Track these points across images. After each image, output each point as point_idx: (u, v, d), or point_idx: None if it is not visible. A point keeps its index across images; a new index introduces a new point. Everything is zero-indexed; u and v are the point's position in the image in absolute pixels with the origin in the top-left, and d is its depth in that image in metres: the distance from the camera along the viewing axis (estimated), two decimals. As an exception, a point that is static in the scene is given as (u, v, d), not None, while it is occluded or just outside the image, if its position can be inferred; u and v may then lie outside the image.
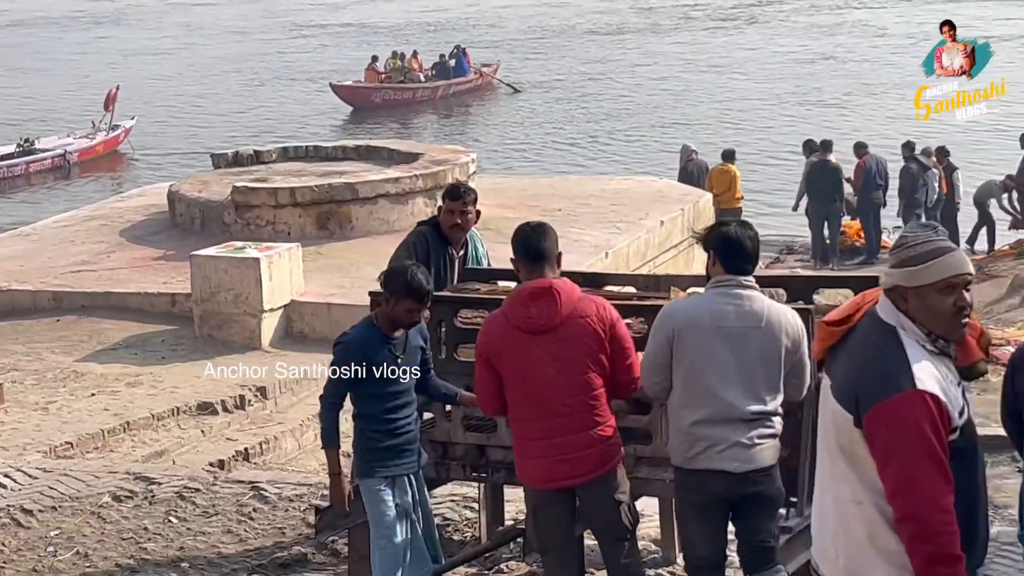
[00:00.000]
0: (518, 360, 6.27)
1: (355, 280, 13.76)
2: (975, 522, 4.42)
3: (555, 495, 6.41)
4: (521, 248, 6.42)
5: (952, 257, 4.38)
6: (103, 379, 12.50)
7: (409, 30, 53.59)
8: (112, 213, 18.40)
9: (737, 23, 53.12)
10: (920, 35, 48.02)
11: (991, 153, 28.81)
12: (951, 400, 4.31)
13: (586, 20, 54.68)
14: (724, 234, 6.30)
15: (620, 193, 18.77)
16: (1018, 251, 22.06)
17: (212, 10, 62.20)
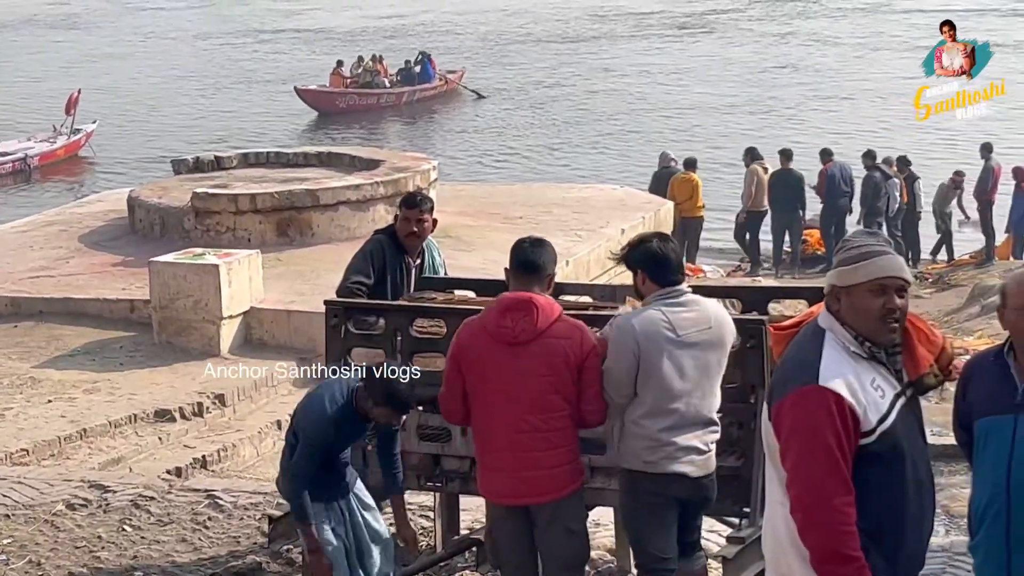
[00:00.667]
0: (486, 369, 6.25)
1: (315, 287, 13.71)
2: (900, 532, 4.45)
3: (514, 511, 6.39)
4: (516, 260, 6.44)
5: (884, 259, 4.47)
6: (60, 385, 12.42)
7: (364, 36, 53.53)
8: (71, 218, 18.31)
9: (692, 31, 53.28)
10: (873, 44, 48.45)
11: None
12: (865, 403, 4.36)
13: (541, 28, 54.73)
14: (650, 251, 6.40)
15: (582, 201, 18.79)
16: (978, 260, 22.20)
17: (167, 15, 61.97)
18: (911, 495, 4.49)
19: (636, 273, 6.41)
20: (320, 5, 62.69)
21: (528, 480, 6.28)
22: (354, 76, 40.82)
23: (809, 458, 4.32)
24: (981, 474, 5.30)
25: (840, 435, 4.30)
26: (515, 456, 6.25)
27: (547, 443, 6.26)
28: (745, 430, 6.84)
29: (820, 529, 4.30)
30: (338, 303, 7.79)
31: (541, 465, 6.27)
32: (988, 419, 5.26)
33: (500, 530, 6.50)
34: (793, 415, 4.37)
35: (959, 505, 9.25)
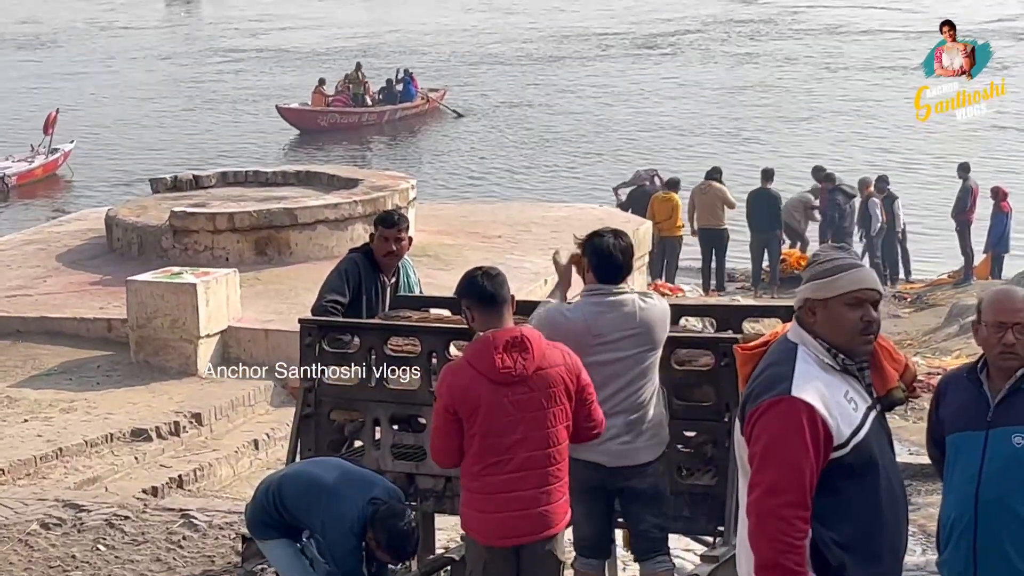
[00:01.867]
0: (486, 411, 6.04)
1: (293, 306, 13.68)
2: (877, 544, 4.46)
3: (506, 552, 6.24)
4: (479, 295, 6.14)
5: (860, 272, 4.52)
6: (37, 405, 12.36)
7: (331, 55, 53.57)
8: (49, 237, 18.26)
9: (655, 52, 53.47)
10: (832, 64, 48.65)
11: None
12: (837, 416, 4.38)
13: (508, 48, 54.84)
14: (596, 246, 6.61)
15: (561, 220, 18.78)
16: (956, 280, 22.27)
17: (137, 34, 61.88)
18: (886, 507, 4.51)
19: (586, 261, 6.65)
20: (285, 24, 62.76)
21: (530, 517, 6.17)
22: (343, 89, 40.82)
23: (771, 467, 4.34)
24: (950, 490, 5.33)
25: (809, 448, 4.32)
26: (515, 495, 6.12)
27: (549, 478, 6.18)
28: (719, 448, 6.86)
29: (766, 537, 4.32)
30: (313, 322, 7.80)
31: (542, 502, 6.19)
32: (959, 435, 5.29)
33: (491, 570, 6.29)
34: (763, 425, 4.40)
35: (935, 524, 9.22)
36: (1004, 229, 22.45)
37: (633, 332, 6.56)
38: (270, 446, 11.92)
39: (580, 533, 6.82)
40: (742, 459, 4.56)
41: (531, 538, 6.21)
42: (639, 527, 6.84)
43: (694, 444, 7.09)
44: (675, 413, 7.00)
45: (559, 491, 6.22)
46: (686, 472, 7.15)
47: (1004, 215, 22.41)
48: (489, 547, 6.24)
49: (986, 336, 5.27)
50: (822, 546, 4.38)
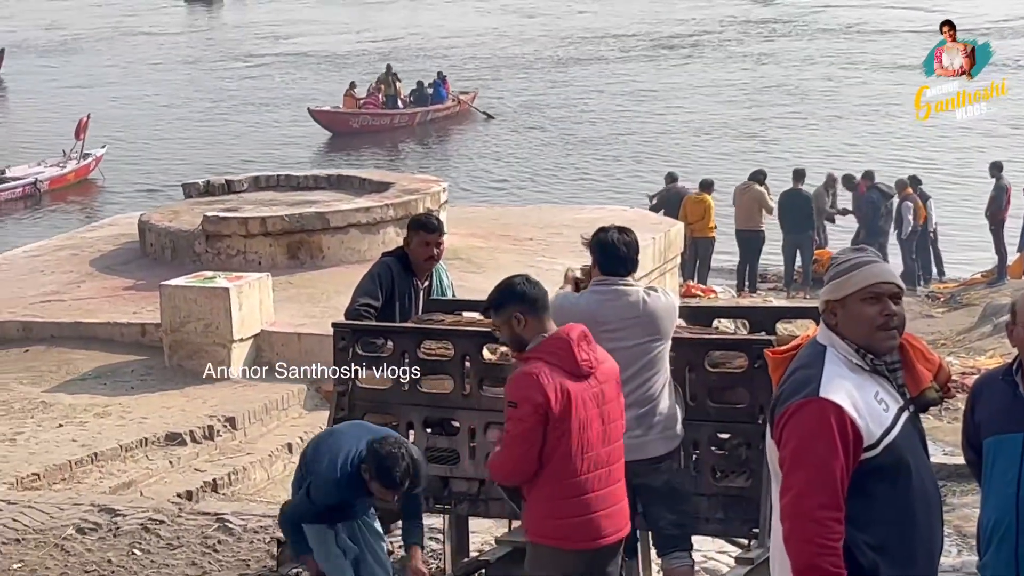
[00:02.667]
0: (574, 407, 5.95)
1: (325, 310, 13.71)
2: (910, 546, 4.43)
3: (584, 556, 6.11)
4: (529, 300, 6.06)
5: (875, 267, 4.50)
6: (71, 410, 12.42)
7: (352, 59, 53.69)
8: (82, 243, 18.34)
9: (674, 53, 53.44)
10: (855, 63, 48.54)
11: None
12: (867, 416, 4.36)
13: (529, 50, 54.86)
14: (601, 240, 6.80)
15: (592, 222, 18.53)
16: (990, 279, 22.16)
17: (159, 39, 62.05)
18: (919, 509, 4.48)
19: (592, 258, 6.83)
20: (305, 29, 62.91)
21: (613, 515, 6.14)
22: (375, 91, 40.93)
23: (802, 469, 4.33)
24: (990, 493, 5.30)
25: (838, 448, 4.30)
26: (600, 493, 6.06)
27: (617, 475, 6.17)
28: (753, 450, 6.85)
29: (802, 541, 4.30)
30: (346, 325, 7.81)
31: (623, 496, 6.19)
32: (996, 438, 5.27)
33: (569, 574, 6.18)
34: (791, 427, 4.38)
35: (971, 525, 9.20)
36: (1037, 229, 22.34)
37: (636, 321, 6.66)
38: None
39: None
40: (773, 463, 4.55)
41: (615, 538, 6.16)
42: (657, 524, 6.87)
43: (728, 446, 7.07)
44: (709, 415, 7.00)
45: (624, 488, 6.21)
46: (720, 474, 7.14)
47: (1038, 214, 22.30)
48: (576, 552, 6.09)
49: (1021, 337, 5.25)
50: (854, 548, 4.36)
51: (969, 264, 23.59)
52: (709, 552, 8.15)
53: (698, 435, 7.04)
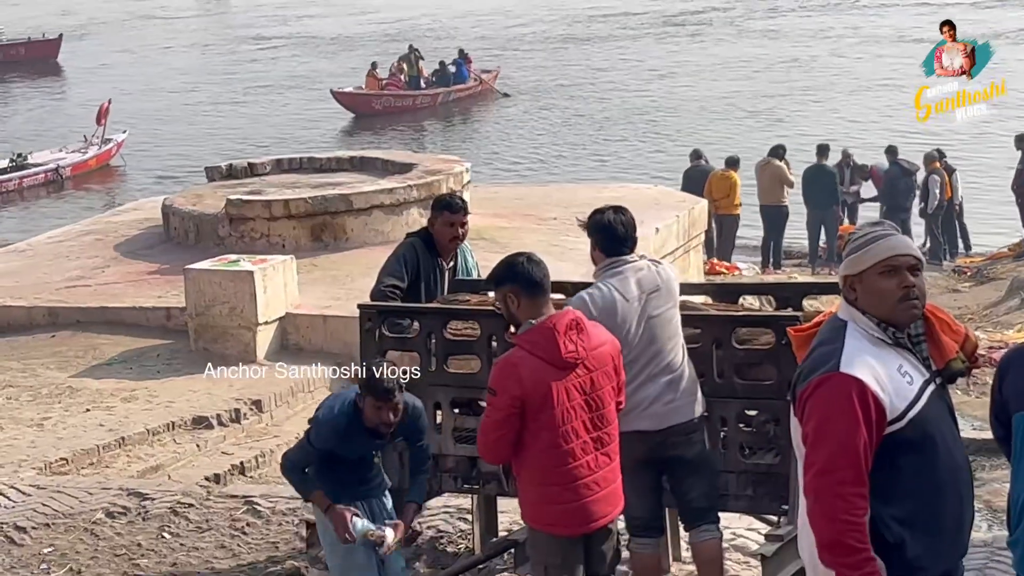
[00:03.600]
0: (554, 399, 5.99)
1: (350, 292, 13.72)
2: (938, 519, 4.41)
3: (579, 540, 6.20)
4: (523, 281, 6.08)
5: (891, 240, 4.49)
6: (98, 394, 12.46)
7: (364, 40, 53.80)
8: (107, 227, 18.38)
9: (682, 30, 53.41)
10: (867, 37, 48.44)
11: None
12: (891, 390, 4.35)
13: (538, 29, 54.84)
14: (598, 222, 6.79)
15: (615, 201, 18.35)
16: (1017, 253, 22.06)
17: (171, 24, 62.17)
18: (947, 482, 4.46)
19: (592, 241, 6.82)
20: (313, 11, 62.99)
21: (604, 498, 6.17)
22: (397, 72, 40.98)
23: (825, 445, 4.32)
24: (1020, 468, 5.26)
25: (860, 423, 4.29)
26: (590, 479, 6.11)
27: (614, 454, 6.23)
28: (781, 427, 6.82)
29: (826, 517, 4.29)
30: (372, 307, 7.80)
31: (611, 479, 6.22)
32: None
33: (570, 560, 6.22)
34: (813, 403, 4.38)
35: (1001, 500, 9.16)
36: (1064, 202, 22.23)
37: (657, 290, 6.72)
38: (330, 432, 11.93)
39: (632, 512, 6.79)
40: (797, 440, 4.54)
41: (606, 520, 6.22)
42: (687, 497, 6.87)
43: (756, 423, 7.05)
44: (736, 392, 6.98)
45: (617, 470, 6.24)
46: (749, 451, 7.12)
47: (1064, 188, 22.18)
48: (569, 538, 6.17)
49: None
50: (880, 524, 4.35)
51: (995, 238, 23.49)
52: (738, 529, 8.13)
53: (726, 412, 7.02)
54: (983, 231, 23.82)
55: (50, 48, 52.89)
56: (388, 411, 6.46)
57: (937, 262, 22.22)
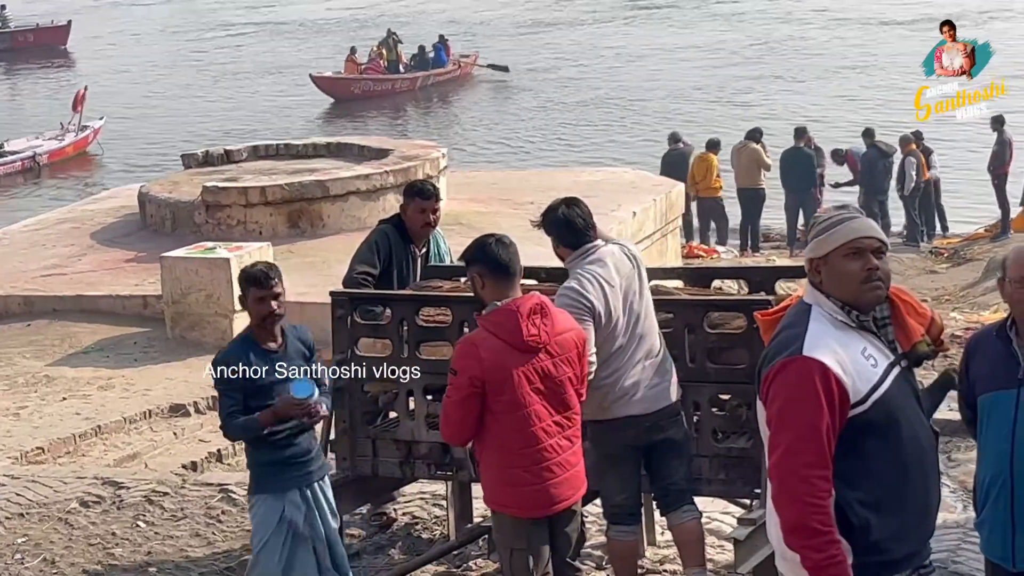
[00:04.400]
0: (515, 381, 6.02)
1: (327, 278, 13.67)
2: (902, 502, 4.42)
3: (542, 522, 6.24)
4: (491, 263, 6.12)
5: (855, 222, 4.51)
6: (75, 383, 12.44)
7: (334, 27, 53.74)
8: (83, 216, 18.33)
9: (647, 14, 53.41)
10: (838, 17, 48.53)
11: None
12: (853, 373, 4.36)
13: (507, 13, 54.75)
14: (555, 220, 6.80)
15: (593, 185, 18.72)
16: (993, 234, 22.11)
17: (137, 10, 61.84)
18: (911, 464, 4.46)
19: (552, 239, 6.80)
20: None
21: (566, 481, 6.21)
22: (377, 56, 40.96)
23: (788, 428, 4.33)
24: (985, 450, 5.30)
25: (823, 406, 4.30)
26: (552, 462, 6.14)
27: (576, 439, 6.26)
28: (754, 411, 6.81)
29: (790, 500, 4.30)
30: (344, 294, 7.79)
31: (573, 464, 6.25)
32: (991, 395, 5.26)
33: (535, 543, 6.26)
34: (776, 386, 4.39)
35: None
36: (1040, 182, 22.28)
37: (632, 271, 6.75)
38: (306, 418, 11.91)
39: (613, 500, 6.86)
40: (762, 423, 4.55)
41: (568, 503, 6.24)
42: (670, 479, 6.86)
43: (729, 407, 7.06)
44: (708, 376, 6.98)
45: (578, 453, 6.28)
46: (722, 436, 7.13)
47: (1041, 167, 22.23)
48: (533, 519, 6.21)
49: (1011, 292, 5.24)
50: (846, 507, 4.35)
51: (972, 219, 23.54)
52: (712, 513, 8.14)
53: (698, 397, 7.03)
54: (961, 213, 23.87)
55: (59, 35, 52.65)
56: (269, 299, 6.61)
57: (914, 244, 22.27)
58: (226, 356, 6.65)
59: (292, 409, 6.56)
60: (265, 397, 6.60)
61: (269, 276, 6.63)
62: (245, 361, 6.58)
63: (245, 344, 6.68)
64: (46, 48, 51.62)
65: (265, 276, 6.62)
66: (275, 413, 6.56)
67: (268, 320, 6.65)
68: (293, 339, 6.78)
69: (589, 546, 8.15)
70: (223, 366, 6.60)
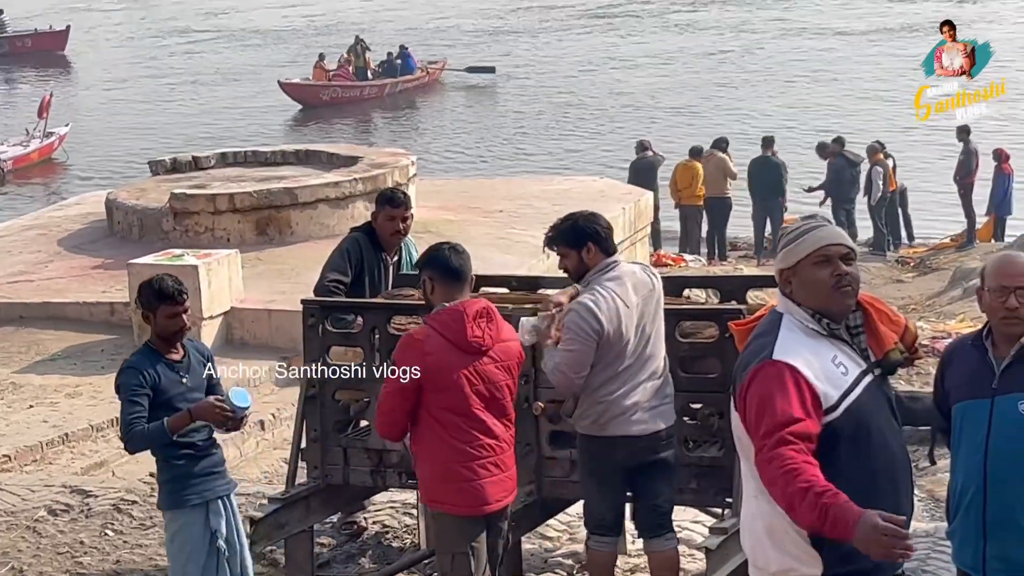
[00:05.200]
0: (456, 381, 6.13)
1: (295, 286, 13.64)
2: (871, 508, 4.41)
3: (480, 520, 6.33)
4: (441, 268, 6.24)
5: (822, 230, 4.56)
6: (42, 390, 12.37)
7: (289, 34, 53.76)
8: (50, 222, 18.24)
9: (606, 23, 53.56)
10: (793, 29, 48.77)
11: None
12: (824, 378, 4.37)
13: (467, 22, 54.79)
14: (586, 228, 6.72)
15: (562, 193, 18.75)
16: (959, 243, 22.22)
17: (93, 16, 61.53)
18: (883, 472, 4.48)
19: (584, 247, 6.67)
20: (240, 7, 62.76)
21: (501, 482, 6.30)
22: (345, 63, 40.97)
23: (767, 417, 4.33)
24: (958, 459, 5.31)
25: (796, 400, 4.32)
26: (496, 461, 6.25)
27: (509, 444, 6.36)
28: (726, 420, 6.82)
29: (781, 479, 4.22)
30: (315, 302, 7.77)
31: (510, 466, 6.36)
32: (965, 403, 5.27)
33: (474, 545, 6.33)
34: (752, 391, 4.41)
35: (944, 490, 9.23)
36: (1006, 191, 22.37)
37: (650, 294, 6.74)
38: (276, 426, 11.91)
39: (596, 511, 6.87)
40: (738, 433, 4.55)
41: (501, 505, 6.35)
42: (655, 501, 6.85)
43: (700, 416, 7.07)
44: (680, 385, 6.98)
45: (512, 457, 6.39)
46: (693, 444, 7.14)
47: (1006, 177, 22.33)
48: (471, 518, 6.29)
49: (990, 301, 5.26)
50: None
51: (939, 228, 23.65)
52: (683, 522, 8.15)
53: (670, 405, 7.03)
54: (927, 223, 23.98)
55: (57, 40, 52.21)
56: (181, 315, 6.50)
57: (881, 253, 22.36)
58: (135, 363, 6.53)
59: (214, 414, 6.42)
60: (167, 408, 6.45)
61: (182, 292, 6.54)
62: (154, 371, 6.49)
63: (151, 354, 6.57)
64: (44, 54, 51.23)
65: (179, 292, 6.51)
66: (193, 416, 6.42)
67: (178, 335, 6.59)
68: (192, 349, 6.71)
69: (560, 555, 8.16)
70: (132, 372, 6.47)
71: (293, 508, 7.45)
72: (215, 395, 6.57)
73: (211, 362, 6.76)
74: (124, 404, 6.51)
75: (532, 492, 7.23)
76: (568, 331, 6.51)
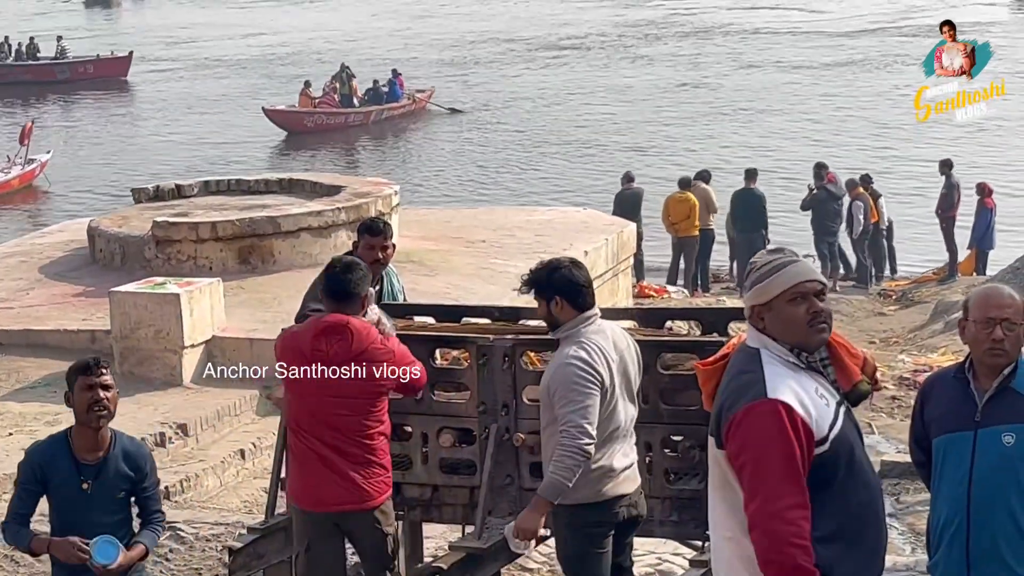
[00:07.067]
0: (305, 380, 6.52)
1: (277, 315, 13.63)
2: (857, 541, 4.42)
3: (322, 518, 6.64)
4: (328, 286, 6.65)
5: (796, 267, 4.52)
6: (21, 418, 12.31)
7: (252, 62, 53.83)
8: (32, 249, 18.20)
9: (572, 55, 53.74)
10: (747, 62, 49.00)
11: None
12: (814, 412, 4.36)
13: (436, 53, 54.91)
14: (563, 278, 6.42)
15: (544, 224, 18.77)
16: (941, 276, 22.28)
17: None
18: (867, 501, 4.50)
19: (552, 300, 6.38)
20: (205, 35, 62.70)
21: (333, 484, 6.58)
22: (331, 90, 41.00)
23: (767, 473, 4.30)
24: (940, 492, 5.30)
25: (794, 446, 4.29)
26: (320, 464, 6.56)
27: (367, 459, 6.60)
28: (706, 452, 6.81)
29: (779, 546, 4.23)
30: (296, 331, 7.74)
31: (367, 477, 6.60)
32: (947, 436, 5.27)
33: (315, 546, 6.71)
34: (746, 432, 4.36)
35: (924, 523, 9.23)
36: (988, 225, 22.45)
37: (628, 348, 6.58)
38: (256, 455, 11.88)
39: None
40: (723, 474, 4.50)
41: (337, 508, 6.57)
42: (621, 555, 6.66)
43: (681, 449, 7.05)
44: (661, 417, 6.97)
45: (376, 472, 6.62)
46: (674, 477, 7.12)
47: (988, 211, 22.41)
48: (310, 513, 6.67)
49: (975, 333, 5.26)
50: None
51: (920, 262, 23.71)
52: (663, 555, 8.14)
53: (651, 437, 7.00)
54: (909, 256, 24.05)
55: (120, 66, 51.93)
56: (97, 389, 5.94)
57: (863, 286, 22.40)
58: (32, 453, 6.04)
59: (70, 558, 5.90)
60: (59, 511, 5.96)
61: (99, 363, 5.99)
62: (50, 467, 5.94)
63: (57, 446, 5.98)
64: (106, 80, 51.04)
65: (95, 362, 5.98)
66: (50, 549, 5.97)
67: (92, 411, 5.91)
68: (120, 454, 6.05)
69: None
70: (24, 463, 6.00)
71: (272, 538, 7.40)
72: (102, 534, 5.94)
73: (147, 471, 6.15)
74: (14, 490, 6.07)
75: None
76: (570, 389, 6.22)
